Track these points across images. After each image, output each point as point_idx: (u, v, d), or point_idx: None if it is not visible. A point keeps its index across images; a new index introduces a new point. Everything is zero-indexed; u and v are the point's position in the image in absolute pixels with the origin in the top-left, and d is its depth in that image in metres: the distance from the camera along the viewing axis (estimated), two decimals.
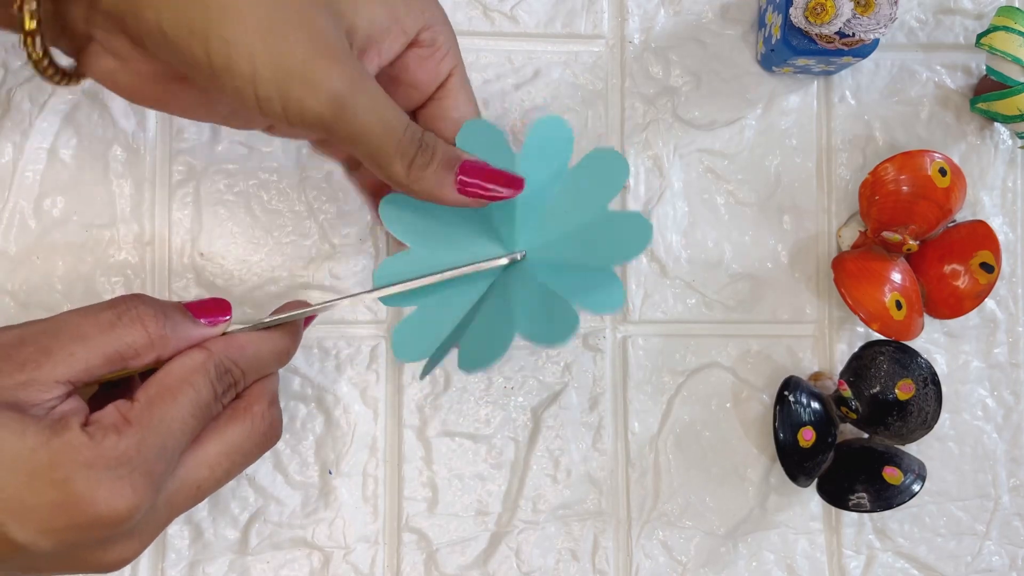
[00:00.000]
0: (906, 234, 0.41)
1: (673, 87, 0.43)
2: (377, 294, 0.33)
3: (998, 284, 0.44)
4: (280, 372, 0.40)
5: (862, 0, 0.38)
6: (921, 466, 0.41)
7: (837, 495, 0.41)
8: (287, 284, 0.41)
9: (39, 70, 0.29)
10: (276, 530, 0.40)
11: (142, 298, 0.30)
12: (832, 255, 0.44)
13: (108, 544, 0.28)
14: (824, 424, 0.41)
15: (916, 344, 0.43)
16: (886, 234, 0.41)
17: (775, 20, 0.41)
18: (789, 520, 0.43)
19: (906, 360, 0.40)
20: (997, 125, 0.45)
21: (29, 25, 0.27)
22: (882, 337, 0.41)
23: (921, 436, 0.41)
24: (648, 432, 0.42)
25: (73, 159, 0.40)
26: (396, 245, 0.39)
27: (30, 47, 0.28)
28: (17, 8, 0.27)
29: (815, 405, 0.41)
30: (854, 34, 0.38)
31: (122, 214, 0.40)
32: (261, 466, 0.40)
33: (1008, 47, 0.41)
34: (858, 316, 0.40)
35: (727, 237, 0.43)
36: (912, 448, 0.43)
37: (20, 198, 0.39)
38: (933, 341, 0.44)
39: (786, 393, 0.41)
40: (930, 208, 0.41)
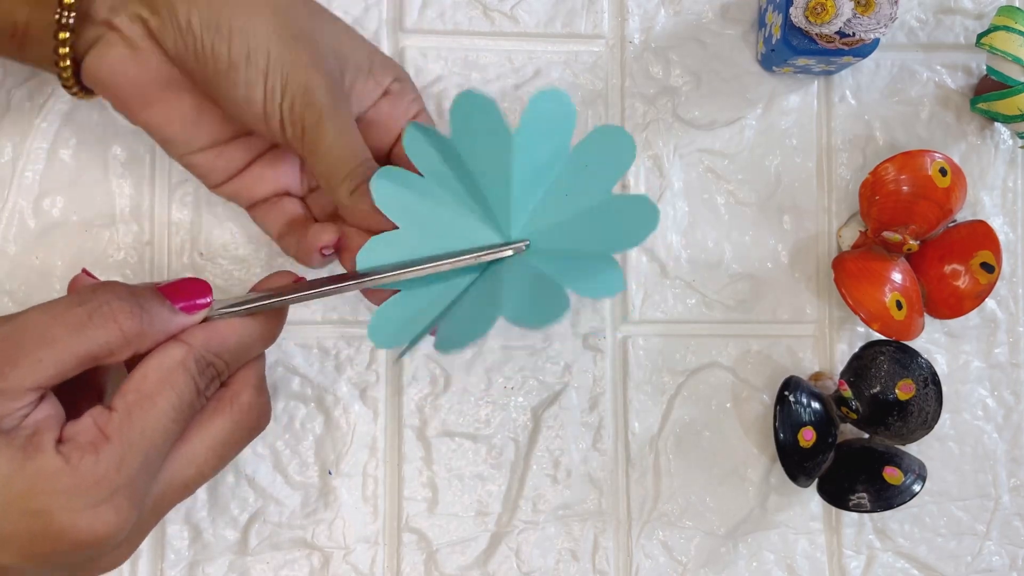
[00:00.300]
0: (906, 234, 0.41)
1: (673, 87, 0.43)
2: (368, 284, 0.31)
3: (998, 284, 0.44)
4: (280, 372, 0.40)
5: (862, 0, 0.38)
6: (921, 466, 0.41)
7: (837, 495, 0.41)
8: None
9: (65, 83, 0.32)
10: (276, 530, 0.40)
11: (114, 289, 0.28)
12: (832, 255, 0.44)
13: (95, 559, 0.27)
14: (824, 424, 0.40)
15: (916, 344, 0.43)
16: (886, 234, 0.41)
17: (775, 20, 0.41)
18: (789, 520, 0.43)
19: (906, 360, 0.40)
20: (997, 125, 0.45)
21: (63, 35, 0.30)
22: (882, 337, 0.41)
23: (921, 436, 0.41)
24: (648, 432, 0.42)
25: (72, 159, 0.40)
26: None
27: (63, 64, 0.31)
28: (54, 35, 0.30)
29: (815, 405, 0.41)
30: (854, 34, 0.38)
31: (122, 214, 0.40)
32: (261, 466, 0.40)
33: (1008, 47, 0.41)
34: (858, 316, 0.40)
35: (727, 237, 0.43)
36: (912, 448, 0.43)
37: (20, 198, 0.39)
38: (933, 341, 0.44)
39: (786, 393, 0.41)
40: (930, 208, 0.41)
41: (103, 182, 0.40)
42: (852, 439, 0.42)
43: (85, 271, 0.32)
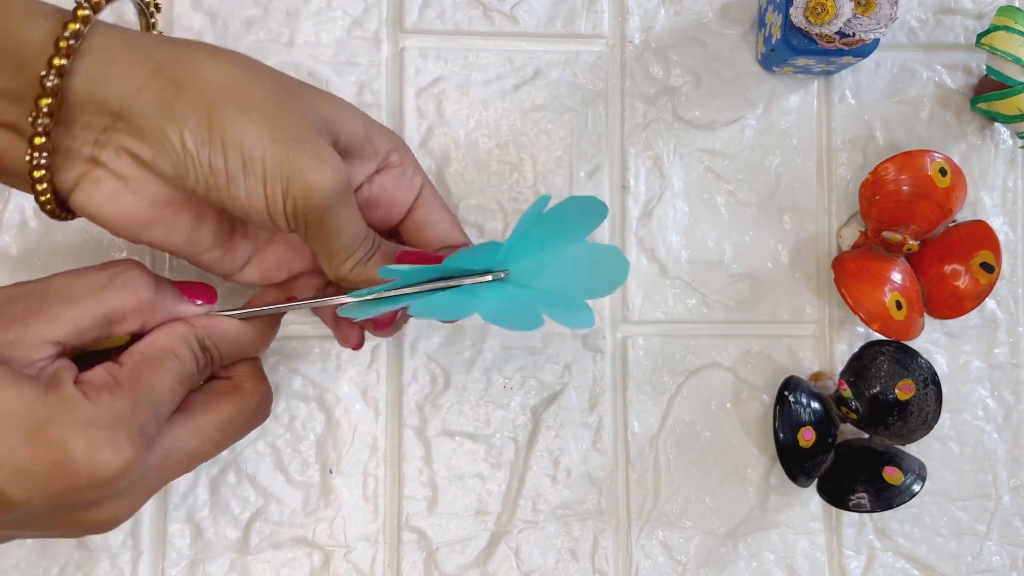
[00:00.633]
0: (906, 234, 0.41)
1: (673, 87, 0.43)
2: (355, 300, 0.33)
3: (998, 284, 0.44)
4: (281, 371, 0.41)
5: (862, 0, 0.38)
6: (921, 466, 0.41)
7: (837, 495, 0.41)
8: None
9: (47, 212, 0.30)
10: (277, 529, 0.40)
11: (135, 263, 0.31)
12: (832, 255, 0.44)
13: (101, 504, 0.28)
14: (824, 424, 0.41)
15: (916, 344, 0.43)
16: (886, 234, 0.41)
17: (775, 20, 0.41)
18: (789, 520, 0.43)
19: (906, 360, 0.40)
20: (997, 125, 0.45)
21: (38, 173, 0.29)
22: (882, 337, 0.41)
23: (921, 436, 0.41)
24: (648, 432, 0.42)
25: None
26: None
27: (44, 198, 0.30)
28: (28, 173, 0.29)
29: (815, 405, 0.41)
30: (854, 34, 0.38)
31: None
32: (261, 465, 0.40)
33: (1008, 47, 0.41)
34: (858, 316, 0.40)
35: (727, 237, 0.43)
36: (912, 448, 0.43)
37: (21, 198, 0.40)
38: (933, 341, 0.44)
39: (786, 393, 0.41)
40: (930, 208, 0.41)
41: None
42: (852, 439, 0.42)
43: None
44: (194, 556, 0.40)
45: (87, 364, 0.29)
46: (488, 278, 0.33)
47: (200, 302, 0.33)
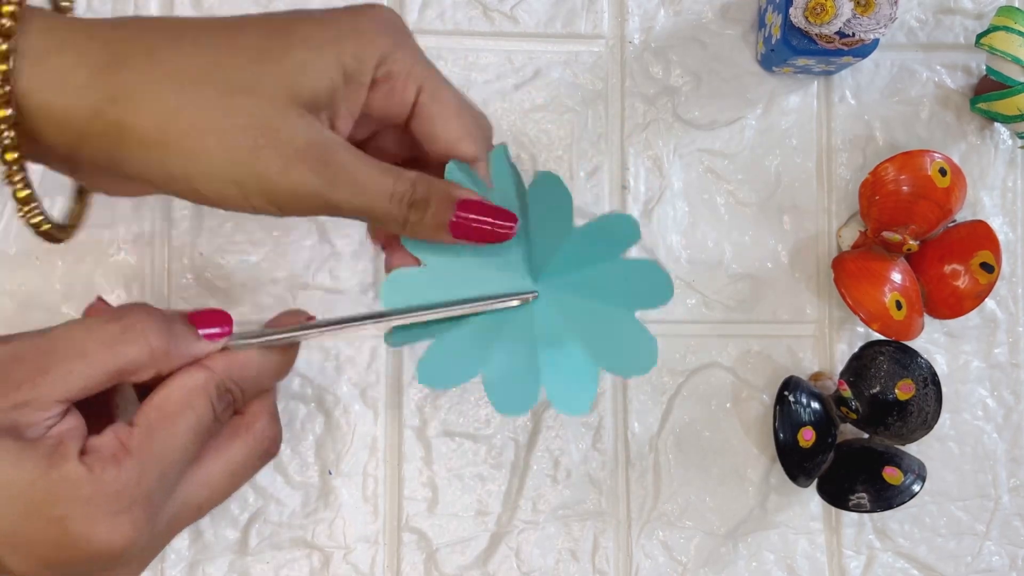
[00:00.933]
0: (906, 234, 0.41)
1: (673, 87, 0.43)
2: (383, 324, 0.32)
3: (998, 284, 0.44)
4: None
5: (862, 0, 0.38)
6: (921, 466, 0.41)
7: (837, 495, 0.41)
8: (287, 285, 0.41)
9: (39, 234, 0.30)
10: (276, 530, 0.40)
11: (147, 310, 0.30)
12: (832, 255, 0.44)
13: (107, 571, 0.28)
14: (824, 424, 0.40)
15: (916, 344, 0.43)
16: (886, 234, 0.41)
17: (775, 20, 0.41)
18: (789, 520, 0.43)
19: (906, 360, 0.40)
20: (997, 125, 0.45)
21: (21, 194, 0.28)
22: (882, 337, 0.41)
23: (921, 436, 0.41)
24: (648, 432, 0.42)
25: None
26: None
27: (29, 214, 0.29)
28: (7, 180, 0.27)
29: (815, 405, 0.41)
30: (854, 34, 0.38)
31: (122, 214, 0.40)
32: None
33: (1008, 47, 0.41)
34: (858, 316, 0.40)
35: (727, 237, 0.43)
36: (912, 448, 0.43)
37: None
38: (933, 341, 0.44)
39: (786, 393, 0.41)
40: (930, 208, 0.41)
41: None
42: (852, 439, 0.42)
43: (100, 299, 0.32)
44: (193, 557, 0.40)
45: (93, 403, 0.29)
46: (515, 303, 0.32)
47: (217, 330, 0.31)
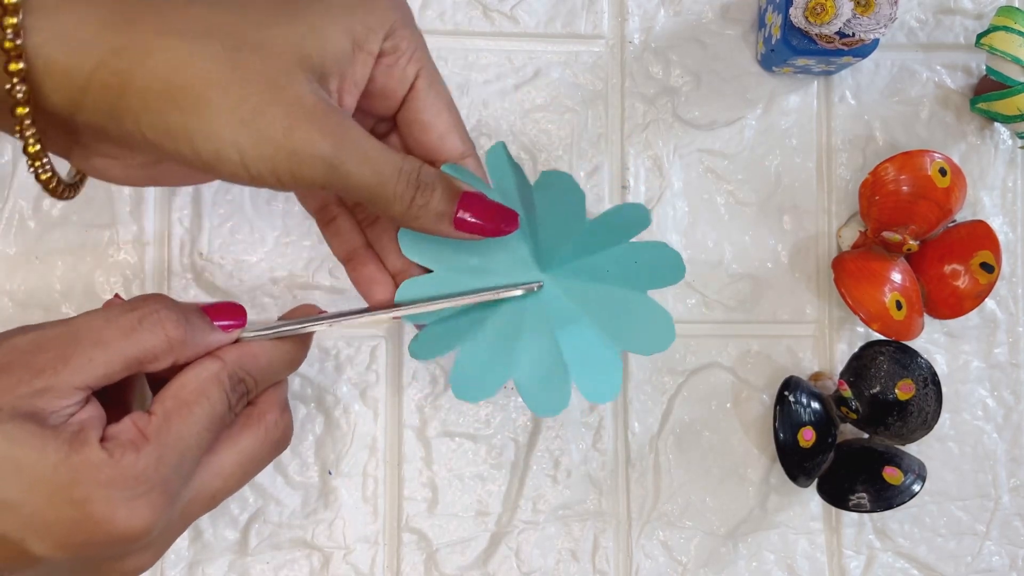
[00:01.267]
0: (906, 234, 0.41)
1: (673, 87, 0.43)
2: (395, 313, 0.33)
3: (998, 284, 0.44)
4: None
5: (862, 0, 0.38)
6: (921, 466, 0.41)
7: (837, 495, 0.41)
8: (287, 284, 0.41)
9: (48, 190, 0.30)
10: (276, 531, 0.40)
11: (163, 300, 0.30)
12: (832, 255, 0.44)
13: (125, 557, 0.28)
14: (824, 424, 0.40)
15: (916, 344, 0.43)
16: (886, 234, 0.41)
17: (775, 20, 0.41)
18: (789, 520, 0.43)
19: (906, 360, 0.40)
20: (997, 125, 0.45)
21: (32, 148, 0.28)
22: (882, 337, 0.41)
23: (921, 436, 0.41)
24: (648, 432, 0.42)
25: None
26: None
27: (39, 169, 0.29)
28: (19, 134, 0.28)
29: (815, 405, 0.41)
30: (854, 34, 0.38)
31: (121, 214, 0.40)
32: None
33: (1008, 47, 0.41)
34: (858, 316, 0.40)
35: (727, 237, 0.43)
36: (912, 448, 0.43)
37: (19, 198, 0.39)
38: (933, 341, 0.44)
39: (786, 393, 0.41)
40: (930, 208, 0.41)
41: (103, 182, 0.40)
42: (852, 439, 0.42)
43: (118, 296, 0.33)
44: (193, 557, 0.40)
45: (111, 394, 0.29)
46: (519, 292, 0.33)
47: (230, 323, 0.32)
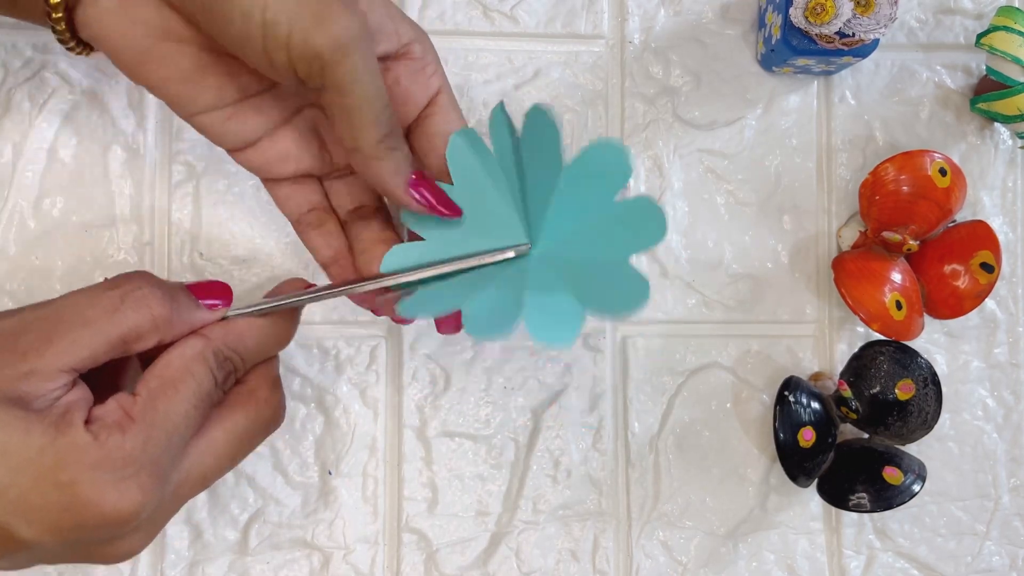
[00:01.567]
0: (906, 234, 0.41)
1: (673, 87, 0.43)
2: (382, 283, 0.32)
3: (998, 284, 0.44)
4: (280, 372, 0.40)
5: (862, 0, 0.38)
6: (921, 466, 0.41)
7: (837, 495, 0.41)
8: None
9: (62, 40, 0.30)
10: (276, 530, 0.40)
11: (147, 278, 0.30)
12: (832, 255, 0.44)
13: (115, 540, 0.28)
14: (824, 424, 0.40)
15: (916, 344, 0.43)
16: (886, 234, 0.41)
17: (775, 20, 0.41)
18: (789, 520, 0.43)
19: (906, 360, 0.40)
20: (997, 125, 0.45)
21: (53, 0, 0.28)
22: (882, 337, 0.41)
23: (921, 436, 0.41)
24: (648, 432, 0.42)
25: (73, 159, 0.40)
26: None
27: (56, 15, 0.29)
28: None
29: (815, 405, 0.41)
30: (854, 34, 0.38)
31: (121, 214, 0.40)
32: (261, 466, 0.40)
33: (1008, 47, 0.41)
34: (858, 316, 0.40)
35: (727, 237, 0.43)
36: (912, 448, 0.43)
37: (20, 198, 0.39)
38: (933, 341, 0.44)
39: (786, 393, 0.41)
40: (930, 208, 0.41)
41: (103, 182, 0.40)
42: (852, 439, 0.42)
43: (106, 280, 0.32)
44: (193, 557, 0.40)
45: (104, 379, 0.29)
46: (511, 254, 0.32)
47: (216, 301, 0.31)
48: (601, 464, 0.42)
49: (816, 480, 0.41)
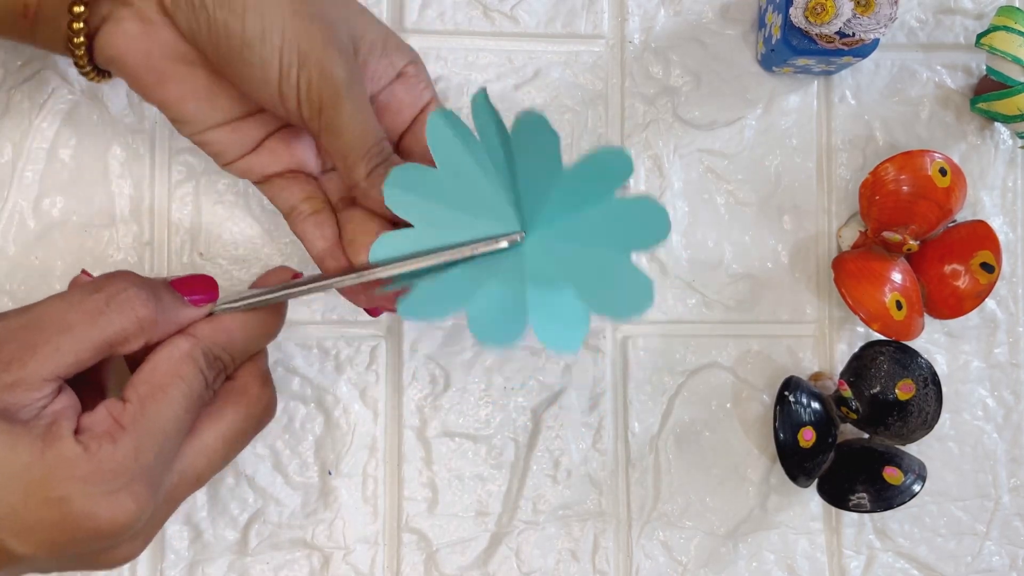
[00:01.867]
0: (906, 234, 0.41)
1: (673, 87, 0.43)
2: (370, 276, 0.31)
3: (998, 284, 0.44)
4: (280, 372, 0.40)
5: (862, 0, 0.38)
6: (921, 466, 0.41)
7: (837, 495, 0.41)
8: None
9: (80, 66, 0.31)
10: (276, 531, 0.40)
11: (130, 278, 0.29)
12: (832, 255, 0.44)
13: (112, 549, 0.28)
14: (824, 424, 0.40)
15: (916, 344, 0.43)
16: (886, 234, 0.41)
17: (775, 20, 0.41)
18: (789, 520, 0.43)
19: (906, 360, 0.40)
20: (997, 125, 0.45)
21: (77, 9, 0.29)
22: (882, 337, 0.41)
23: (921, 436, 0.41)
24: (648, 432, 0.42)
25: (72, 159, 0.40)
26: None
27: (77, 40, 0.30)
28: (68, 8, 0.29)
29: (815, 405, 0.41)
30: (854, 34, 0.38)
31: (121, 214, 0.40)
32: (260, 466, 0.40)
33: (1008, 47, 0.41)
34: (858, 316, 0.40)
35: (727, 237, 0.43)
36: (912, 448, 0.43)
37: (19, 198, 0.39)
38: (933, 341, 0.44)
39: (786, 393, 0.41)
40: (930, 208, 0.41)
41: (103, 182, 0.40)
42: (852, 439, 0.42)
43: (85, 272, 0.32)
44: (193, 557, 0.40)
45: (86, 377, 0.29)
46: (504, 244, 0.31)
47: (201, 297, 0.31)
48: (601, 464, 0.42)
49: (816, 480, 0.41)
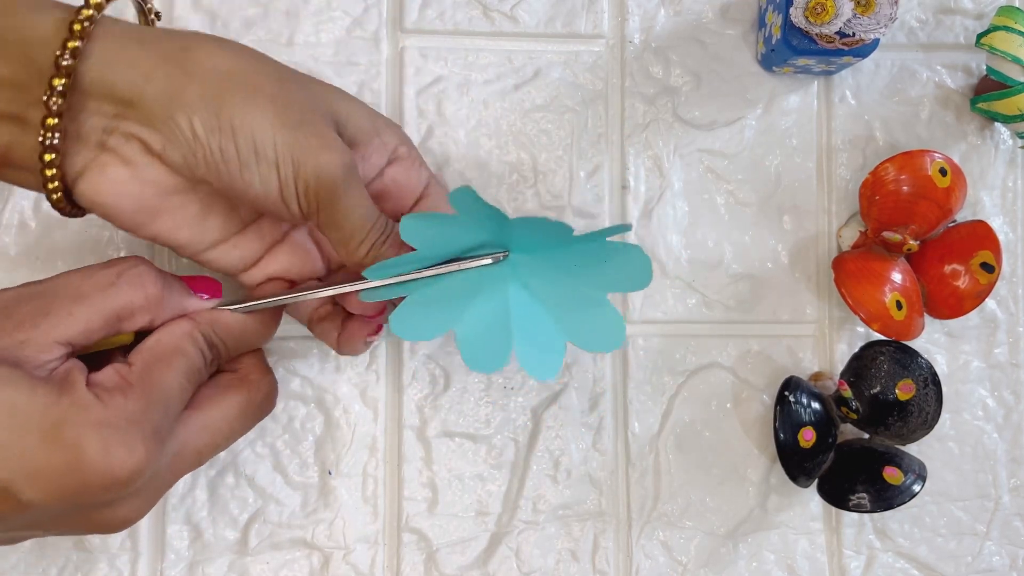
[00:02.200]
0: (906, 234, 0.41)
1: (673, 87, 0.43)
2: (364, 286, 0.33)
3: (998, 284, 0.44)
4: (280, 372, 0.40)
5: (862, 0, 0.38)
6: (921, 466, 0.41)
7: (837, 495, 0.41)
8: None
9: (54, 202, 0.30)
10: (276, 530, 0.40)
11: (142, 260, 0.31)
12: (832, 255, 0.44)
13: (115, 504, 0.28)
14: (824, 424, 0.40)
15: (916, 344, 0.43)
16: (886, 234, 0.41)
17: (775, 20, 0.41)
18: (789, 520, 0.43)
19: (906, 360, 0.40)
20: (997, 125, 0.45)
21: (48, 156, 0.28)
22: (882, 337, 0.41)
23: (921, 436, 0.41)
24: (648, 432, 0.42)
25: None
26: None
27: (52, 185, 0.29)
28: (39, 156, 0.28)
29: (815, 405, 0.41)
30: (854, 34, 0.38)
31: None
32: (261, 466, 0.40)
33: (1008, 47, 0.41)
34: (858, 316, 0.40)
35: (727, 237, 0.43)
36: (912, 448, 0.43)
37: (21, 198, 0.39)
38: (933, 341, 0.44)
39: (786, 393, 0.41)
40: (930, 208, 0.41)
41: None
42: (852, 439, 0.42)
43: None
44: (193, 557, 0.40)
45: (94, 364, 0.29)
46: (487, 260, 0.33)
47: (206, 296, 0.33)
48: (601, 464, 0.42)
49: (816, 480, 0.41)
